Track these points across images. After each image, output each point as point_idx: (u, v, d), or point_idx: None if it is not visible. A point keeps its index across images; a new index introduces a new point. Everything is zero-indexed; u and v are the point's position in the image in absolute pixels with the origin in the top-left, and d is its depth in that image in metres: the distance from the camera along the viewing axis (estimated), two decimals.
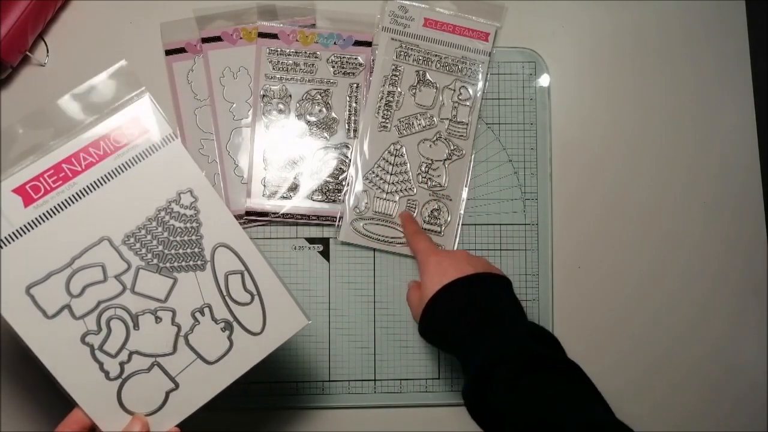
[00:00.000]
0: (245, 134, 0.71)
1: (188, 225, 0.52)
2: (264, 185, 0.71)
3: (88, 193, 0.50)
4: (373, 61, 0.72)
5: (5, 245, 0.48)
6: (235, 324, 0.53)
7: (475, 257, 0.63)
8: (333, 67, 0.72)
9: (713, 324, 0.74)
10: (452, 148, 0.72)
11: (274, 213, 0.71)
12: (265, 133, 0.71)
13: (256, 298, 0.53)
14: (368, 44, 0.72)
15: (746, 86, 0.76)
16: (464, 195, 0.72)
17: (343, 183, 0.71)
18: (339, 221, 0.71)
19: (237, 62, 0.72)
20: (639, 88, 0.75)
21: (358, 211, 0.71)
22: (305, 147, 0.71)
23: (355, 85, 0.72)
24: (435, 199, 0.72)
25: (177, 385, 0.52)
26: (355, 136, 0.72)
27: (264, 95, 0.71)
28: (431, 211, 0.72)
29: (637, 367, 0.73)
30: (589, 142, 0.75)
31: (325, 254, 0.72)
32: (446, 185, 0.72)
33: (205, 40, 0.71)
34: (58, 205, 0.50)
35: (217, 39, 0.72)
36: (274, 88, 0.71)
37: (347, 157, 0.72)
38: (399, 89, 0.72)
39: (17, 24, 0.67)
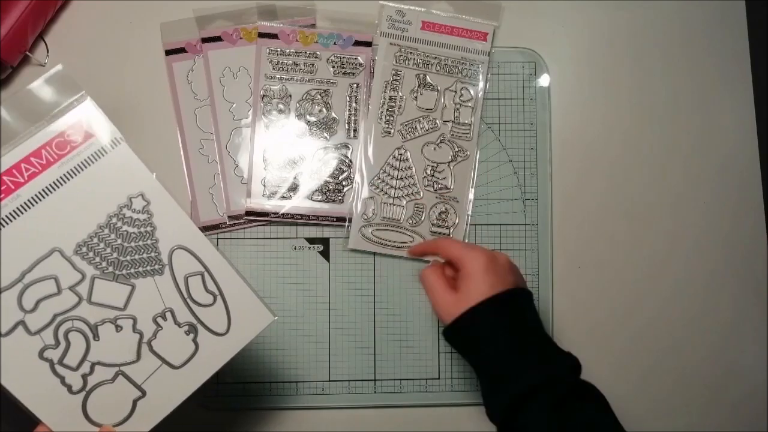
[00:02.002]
0: (245, 134, 0.71)
1: (142, 230, 0.51)
2: (264, 185, 0.71)
3: (33, 205, 0.48)
4: (373, 61, 0.72)
5: None
6: (199, 326, 0.51)
7: (514, 266, 0.60)
8: (333, 67, 0.72)
9: (713, 324, 0.74)
10: (456, 149, 0.72)
11: (274, 213, 0.71)
12: (265, 133, 0.71)
13: (219, 298, 0.52)
14: (368, 44, 0.72)
15: (746, 86, 0.76)
16: (471, 196, 0.72)
17: (344, 183, 0.71)
18: (348, 223, 0.71)
19: (237, 62, 0.72)
20: (639, 88, 0.75)
21: (365, 217, 0.71)
22: (305, 147, 0.71)
23: (355, 85, 0.72)
24: (442, 202, 0.72)
25: (144, 393, 0.50)
26: (355, 137, 0.72)
27: (264, 95, 0.71)
28: (439, 214, 0.72)
29: (637, 367, 0.73)
30: (589, 142, 0.75)
31: (325, 254, 0.72)
32: (452, 187, 0.72)
33: (205, 40, 0.71)
34: (3, 219, 0.48)
35: (217, 39, 0.72)
36: (274, 88, 0.71)
37: (347, 157, 0.72)
38: (400, 94, 0.72)
39: (17, 24, 0.67)
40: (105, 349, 0.49)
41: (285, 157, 0.71)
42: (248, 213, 0.70)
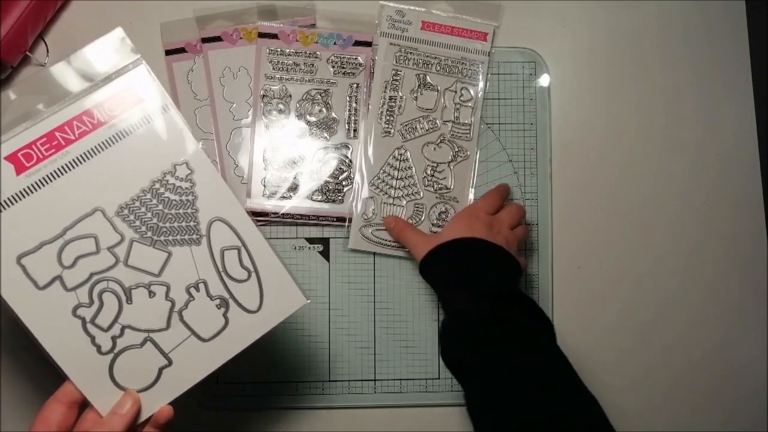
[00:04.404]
0: (245, 134, 0.71)
1: (183, 198, 0.51)
2: (264, 185, 0.71)
3: (81, 163, 0.49)
4: (373, 61, 0.72)
5: None
6: (230, 301, 0.51)
7: (494, 220, 0.65)
8: (333, 67, 0.72)
9: (714, 323, 0.74)
10: (456, 149, 0.72)
11: (274, 213, 0.71)
12: (265, 133, 0.71)
13: (253, 275, 0.52)
14: (368, 44, 0.72)
15: (746, 86, 0.76)
16: (471, 196, 0.72)
17: (343, 183, 0.71)
18: (348, 224, 0.71)
19: (237, 62, 0.72)
20: (639, 88, 0.75)
21: (365, 217, 0.71)
22: (305, 147, 0.71)
23: (355, 85, 0.72)
24: (442, 202, 0.72)
25: (170, 362, 0.50)
26: (355, 137, 0.72)
27: (264, 95, 0.71)
28: (439, 214, 0.72)
29: (637, 367, 0.73)
30: (589, 142, 0.75)
31: (325, 254, 0.72)
32: (452, 187, 0.72)
33: (205, 40, 0.71)
34: (51, 173, 0.49)
35: (217, 39, 0.72)
36: (274, 88, 0.71)
37: (347, 157, 0.72)
38: (400, 94, 0.72)
39: (17, 24, 0.67)
40: (136, 314, 0.50)
41: (285, 157, 0.71)
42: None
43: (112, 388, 0.49)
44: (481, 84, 0.73)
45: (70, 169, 0.49)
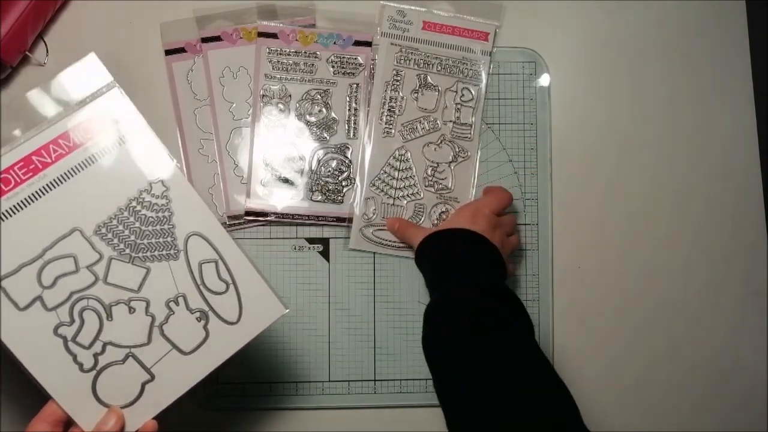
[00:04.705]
0: (245, 134, 0.71)
1: (160, 214, 0.52)
2: (264, 185, 0.71)
3: (58, 185, 0.50)
4: (373, 61, 0.72)
5: None
6: (210, 313, 0.52)
7: (496, 218, 0.66)
8: (333, 67, 0.72)
9: (713, 323, 0.74)
10: (457, 150, 0.72)
11: (274, 213, 0.71)
12: (264, 133, 0.71)
13: (232, 287, 0.53)
14: (368, 44, 0.72)
15: (746, 86, 0.75)
16: (471, 196, 0.72)
17: (343, 183, 0.71)
18: (349, 224, 0.71)
19: (237, 62, 0.72)
20: (639, 88, 0.75)
21: (366, 218, 0.71)
22: (305, 147, 0.71)
23: (355, 85, 0.72)
24: (442, 202, 0.72)
25: (153, 377, 0.51)
26: (355, 137, 0.72)
27: (264, 95, 0.71)
28: (439, 214, 0.72)
29: (637, 367, 0.73)
30: (589, 142, 0.75)
31: (325, 254, 0.72)
32: (453, 187, 0.72)
33: (204, 40, 0.71)
34: (29, 197, 0.50)
35: (217, 39, 0.72)
36: (273, 88, 0.71)
37: (347, 157, 0.72)
38: (401, 94, 0.72)
39: (17, 24, 0.67)
40: (117, 330, 0.50)
41: (285, 157, 0.71)
42: (248, 213, 0.70)
43: (96, 406, 0.50)
44: (482, 84, 0.73)
45: (47, 192, 0.50)
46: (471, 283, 0.59)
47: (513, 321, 0.57)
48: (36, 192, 0.50)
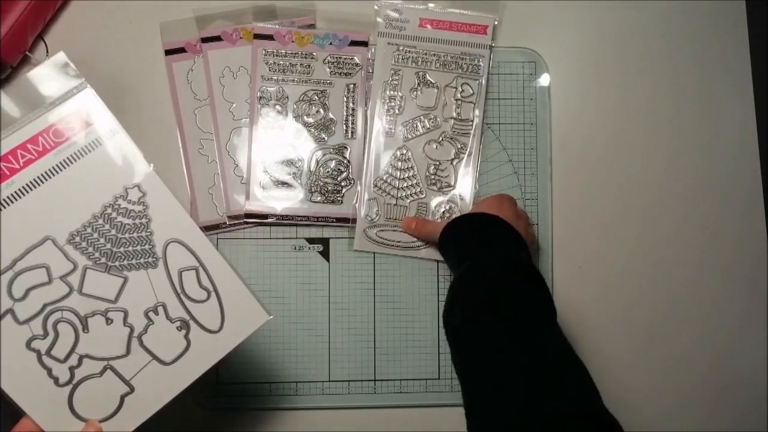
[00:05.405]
0: (245, 134, 0.71)
1: (137, 221, 0.50)
2: (263, 188, 0.70)
3: (28, 192, 0.48)
4: (371, 61, 0.72)
5: None
6: (191, 322, 0.50)
7: (520, 210, 0.67)
8: (329, 67, 0.72)
9: (714, 323, 0.74)
10: (459, 146, 0.72)
11: (274, 215, 0.70)
12: (263, 135, 0.71)
13: (213, 294, 0.51)
14: (365, 44, 0.72)
15: (746, 86, 0.75)
16: (474, 191, 0.72)
17: (342, 184, 0.71)
18: (352, 225, 0.71)
19: (237, 62, 0.72)
20: (639, 88, 0.75)
21: (369, 219, 0.71)
22: (303, 148, 0.71)
23: (352, 85, 0.72)
24: (446, 200, 0.72)
25: (132, 389, 0.49)
26: (353, 137, 0.72)
27: (261, 97, 0.71)
28: (443, 212, 0.72)
29: (637, 367, 0.73)
30: (589, 141, 0.74)
31: (325, 254, 0.72)
32: (456, 184, 0.72)
33: (204, 40, 0.71)
34: None
35: (217, 39, 0.72)
36: (270, 89, 0.71)
37: (345, 157, 0.72)
38: (400, 93, 0.72)
39: (17, 24, 0.67)
40: (94, 342, 0.49)
41: (283, 158, 0.71)
42: (248, 215, 0.70)
43: (73, 420, 0.48)
44: (483, 78, 0.73)
45: (16, 199, 0.48)
46: (497, 256, 0.59)
47: (536, 302, 0.56)
48: (4, 200, 0.47)
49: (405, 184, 0.71)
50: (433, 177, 0.72)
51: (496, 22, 0.73)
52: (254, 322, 0.52)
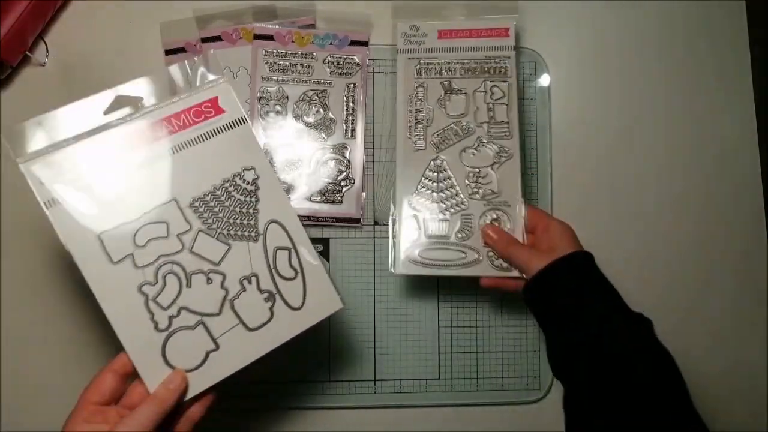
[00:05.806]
0: None
1: (248, 198, 0.56)
2: None
3: (169, 156, 0.54)
4: (372, 61, 0.72)
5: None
6: (277, 296, 0.55)
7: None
8: (329, 67, 0.72)
9: (714, 323, 0.74)
10: (498, 150, 0.67)
11: None
12: (262, 135, 0.71)
13: (300, 275, 0.56)
14: (365, 44, 0.72)
15: (746, 86, 0.75)
16: (520, 197, 0.66)
17: (342, 184, 0.71)
18: (392, 247, 0.66)
19: (237, 62, 0.72)
20: (639, 88, 0.75)
21: (410, 239, 0.66)
22: (303, 148, 0.71)
23: (351, 85, 0.72)
24: (492, 208, 0.66)
25: (217, 346, 0.54)
26: (353, 137, 0.72)
27: (261, 97, 0.71)
28: (490, 222, 0.66)
29: None
30: (589, 141, 0.75)
31: (325, 254, 0.72)
32: (500, 190, 0.66)
33: (204, 40, 0.71)
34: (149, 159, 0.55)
35: (217, 39, 0.72)
36: (270, 89, 0.71)
37: (346, 157, 0.72)
38: (427, 105, 0.69)
39: (17, 24, 0.67)
40: (193, 297, 0.54)
41: (283, 158, 0.71)
42: None
43: (162, 366, 0.52)
44: (512, 79, 0.69)
45: (162, 161, 0.55)
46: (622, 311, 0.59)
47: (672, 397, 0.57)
48: (173, 148, 0.55)
49: (444, 197, 0.67)
50: (473, 185, 0.67)
51: (516, 22, 0.70)
52: (330, 307, 0.57)
